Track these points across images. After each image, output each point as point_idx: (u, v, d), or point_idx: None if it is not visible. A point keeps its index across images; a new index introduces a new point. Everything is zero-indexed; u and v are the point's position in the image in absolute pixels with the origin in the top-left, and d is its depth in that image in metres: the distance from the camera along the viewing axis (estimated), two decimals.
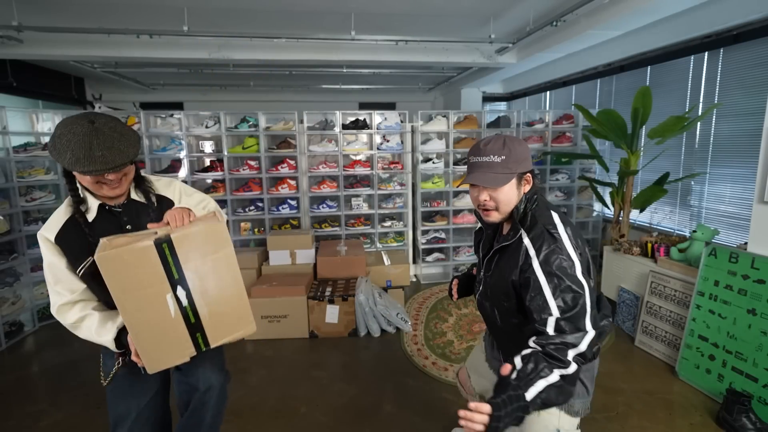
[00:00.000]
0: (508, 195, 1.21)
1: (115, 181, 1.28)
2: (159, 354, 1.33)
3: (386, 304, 3.45)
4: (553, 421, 1.24)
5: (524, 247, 1.18)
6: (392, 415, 2.40)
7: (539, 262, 1.13)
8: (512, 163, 1.19)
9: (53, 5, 3.39)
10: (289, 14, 3.67)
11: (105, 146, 1.19)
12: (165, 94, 7.02)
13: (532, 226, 1.19)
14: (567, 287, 1.10)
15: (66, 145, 1.17)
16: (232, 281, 1.34)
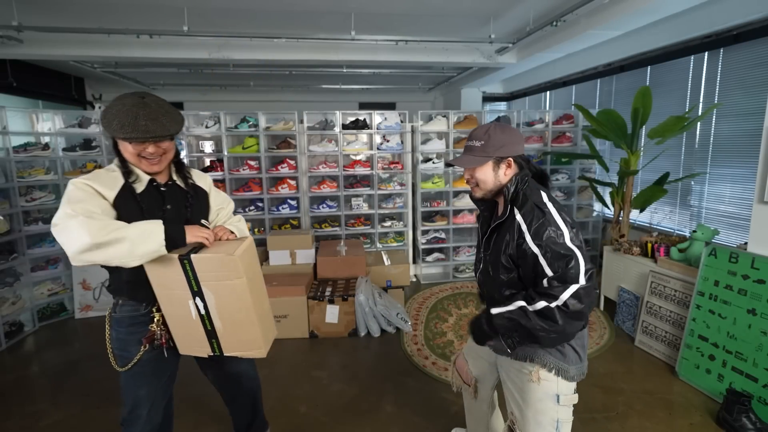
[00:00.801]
0: (485, 175, 1.37)
1: (154, 155, 1.37)
2: (187, 342, 1.52)
3: (386, 304, 3.45)
4: (552, 387, 1.35)
5: (517, 222, 1.30)
6: (392, 415, 2.40)
7: (531, 235, 1.26)
8: (490, 148, 1.34)
9: (53, 5, 3.39)
10: (289, 14, 3.67)
11: (149, 117, 1.28)
12: (165, 94, 7.00)
13: (523, 204, 1.31)
14: (558, 254, 1.22)
15: (115, 114, 1.27)
16: (241, 308, 1.44)
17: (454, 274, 4.75)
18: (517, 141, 1.37)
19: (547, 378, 1.35)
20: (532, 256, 1.25)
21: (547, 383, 1.35)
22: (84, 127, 3.94)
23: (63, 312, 3.88)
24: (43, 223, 3.74)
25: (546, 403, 1.36)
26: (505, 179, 1.37)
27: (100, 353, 3.20)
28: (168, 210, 1.45)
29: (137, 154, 1.35)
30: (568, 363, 1.35)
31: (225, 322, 1.45)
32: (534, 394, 1.37)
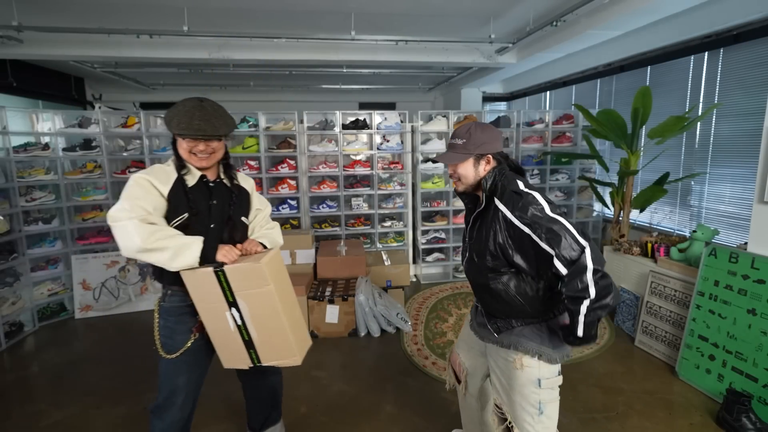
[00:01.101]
0: (466, 170, 1.48)
1: (204, 152, 1.53)
2: (229, 355, 1.61)
3: (386, 304, 3.45)
4: (534, 373, 1.44)
5: (500, 211, 1.39)
6: (392, 415, 2.40)
7: (517, 218, 1.35)
8: (471, 146, 1.45)
9: (53, 5, 3.39)
10: (289, 14, 3.67)
11: (203, 119, 1.46)
12: (165, 94, 7.02)
13: (502, 193, 1.41)
14: (547, 228, 1.30)
15: (175, 114, 1.47)
16: (272, 316, 1.52)
17: (454, 274, 4.75)
18: (495, 139, 1.48)
19: (530, 364, 1.44)
20: (526, 236, 1.33)
21: (530, 369, 1.44)
22: (84, 127, 3.94)
23: (63, 312, 3.88)
24: (43, 223, 3.74)
25: (529, 387, 1.45)
26: (485, 174, 1.48)
27: (100, 353, 3.21)
28: (214, 205, 1.59)
29: (189, 150, 1.52)
30: (550, 347, 1.44)
31: (260, 331, 1.54)
32: (518, 380, 1.46)
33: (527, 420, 1.46)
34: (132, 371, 2.91)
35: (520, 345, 1.46)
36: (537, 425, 1.46)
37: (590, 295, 1.25)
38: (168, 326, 1.60)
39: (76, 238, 3.96)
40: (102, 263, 3.92)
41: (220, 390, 2.61)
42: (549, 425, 1.47)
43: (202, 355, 1.64)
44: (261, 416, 2.00)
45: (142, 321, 3.79)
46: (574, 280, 1.26)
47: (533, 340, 1.45)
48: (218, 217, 1.60)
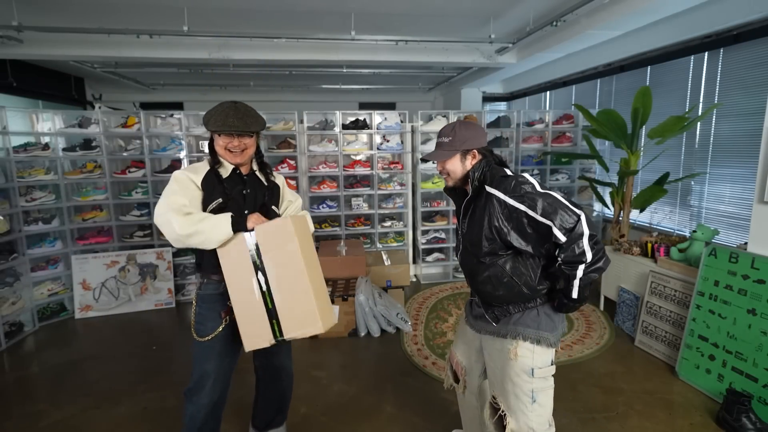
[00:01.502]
0: (453, 166, 1.57)
1: (237, 148, 1.66)
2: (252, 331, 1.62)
3: (386, 304, 3.45)
4: (528, 362, 1.49)
5: (493, 196, 1.45)
6: (392, 415, 2.40)
7: (511, 197, 1.41)
8: (456, 143, 1.54)
9: (53, 5, 3.39)
10: (289, 14, 3.67)
11: (237, 117, 1.62)
12: (165, 94, 7.02)
13: (492, 180, 1.49)
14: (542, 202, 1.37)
15: (213, 113, 1.63)
16: (296, 275, 1.57)
17: (454, 274, 4.75)
18: (479, 135, 1.56)
19: (524, 354, 1.49)
20: (522, 213, 1.40)
21: (523, 359, 1.49)
22: (84, 127, 3.94)
23: (63, 312, 3.88)
24: (43, 223, 3.74)
25: (522, 377, 1.49)
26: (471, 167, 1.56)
27: (100, 353, 3.21)
28: (248, 193, 1.73)
29: (224, 147, 1.66)
30: (547, 331, 1.50)
31: (284, 296, 1.58)
32: (512, 370, 1.51)
33: (520, 408, 1.51)
34: (132, 371, 2.91)
35: (517, 332, 1.50)
36: (530, 413, 1.50)
37: (587, 259, 1.35)
38: (201, 312, 1.72)
39: (76, 238, 3.96)
40: (102, 263, 3.92)
41: None
42: (541, 413, 1.51)
43: (231, 343, 1.73)
44: (267, 417, 2.04)
45: (142, 321, 3.79)
46: (571, 246, 1.35)
47: (530, 326, 1.50)
48: (252, 204, 1.73)
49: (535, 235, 1.42)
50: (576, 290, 1.42)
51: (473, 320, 1.68)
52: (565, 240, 1.35)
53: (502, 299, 1.52)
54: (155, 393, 2.64)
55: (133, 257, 3.99)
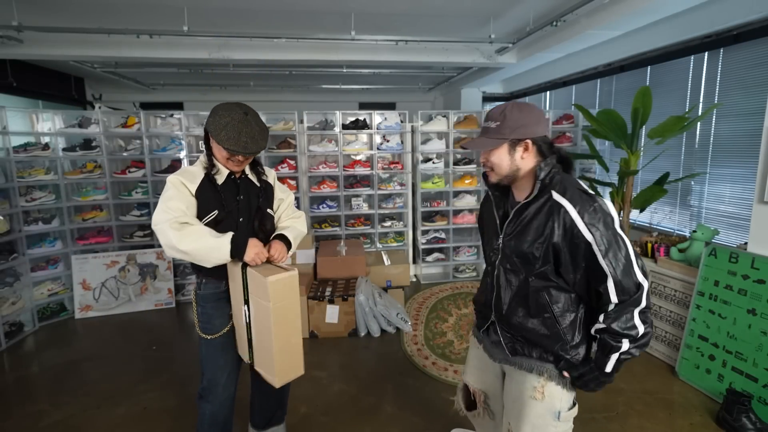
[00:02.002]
0: (499, 158, 1.28)
1: (241, 161, 1.62)
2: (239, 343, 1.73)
3: (386, 304, 3.45)
4: (556, 404, 1.30)
5: (563, 208, 1.19)
6: (392, 415, 2.40)
7: (585, 222, 1.17)
8: (505, 129, 1.24)
9: (53, 5, 3.39)
10: (289, 14, 3.67)
11: (249, 136, 1.53)
12: (165, 94, 7.02)
13: (565, 189, 1.22)
14: (614, 246, 1.16)
15: (224, 126, 1.51)
16: (265, 332, 1.57)
17: (454, 274, 4.75)
18: (536, 122, 1.25)
19: (552, 394, 1.29)
20: (585, 245, 1.17)
21: (550, 399, 1.29)
22: (84, 127, 3.94)
23: (63, 312, 3.88)
24: (43, 223, 3.74)
25: (546, 419, 1.30)
26: (523, 163, 1.27)
27: (100, 353, 3.21)
28: (241, 200, 1.69)
29: (228, 158, 1.60)
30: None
31: (257, 336, 1.62)
32: (534, 410, 1.30)
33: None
34: (132, 371, 2.91)
35: (545, 370, 1.29)
36: None
37: (638, 333, 1.16)
38: (206, 312, 1.71)
39: (76, 238, 3.96)
40: (102, 263, 3.92)
41: None
42: None
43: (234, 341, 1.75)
44: (266, 414, 2.04)
45: (142, 321, 3.79)
46: (622, 315, 1.15)
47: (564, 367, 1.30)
48: (246, 211, 1.70)
49: (583, 273, 1.20)
50: (612, 364, 1.20)
51: (490, 346, 1.46)
52: (616, 302, 1.16)
53: (530, 335, 1.30)
54: (155, 393, 2.64)
55: (133, 257, 3.99)
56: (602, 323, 1.19)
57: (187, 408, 2.48)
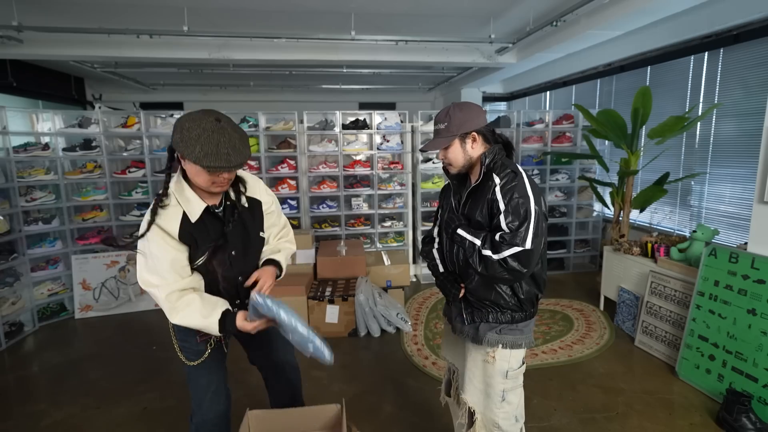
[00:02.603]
0: (455, 153, 1.49)
1: (227, 179, 1.38)
2: None
3: (386, 304, 3.45)
4: (504, 366, 1.51)
5: (494, 182, 1.43)
6: (392, 415, 2.40)
7: (501, 192, 1.39)
8: (453, 127, 1.45)
9: (53, 5, 3.39)
10: (289, 14, 3.67)
11: (229, 145, 1.27)
12: (165, 94, 7.02)
13: (502, 169, 1.45)
14: (516, 214, 1.36)
15: (196, 139, 1.25)
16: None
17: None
18: (476, 116, 1.48)
19: (502, 356, 1.50)
20: (497, 209, 1.39)
21: (500, 362, 1.50)
22: (84, 127, 3.94)
23: (63, 312, 3.88)
24: (43, 223, 3.74)
25: (495, 378, 1.51)
26: (474, 152, 1.48)
27: (100, 353, 3.21)
28: (230, 231, 1.49)
29: (212, 182, 1.35)
30: (524, 333, 1.52)
31: None
32: (486, 371, 1.53)
33: (489, 406, 1.55)
34: (132, 371, 2.91)
35: (496, 340, 1.50)
36: (498, 410, 1.53)
37: (498, 255, 1.35)
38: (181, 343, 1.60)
39: (76, 238, 3.96)
40: (102, 263, 3.92)
41: None
42: (508, 410, 1.54)
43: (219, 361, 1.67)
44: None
45: (142, 321, 3.79)
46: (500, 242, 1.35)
47: (513, 333, 1.50)
48: (238, 240, 1.52)
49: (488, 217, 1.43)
50: (463, 237, 1.45)
51: (453, 323, 1.65)
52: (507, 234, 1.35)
53: (483, 297, 1.49)
54: (155, 393, 2.64)
55: (133, 257, 3.98)
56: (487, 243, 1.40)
57: (187, 408, 2.46)
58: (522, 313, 1.49)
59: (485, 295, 1.48)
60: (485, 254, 1.37)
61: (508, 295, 1.47)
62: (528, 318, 1.52)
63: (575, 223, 4.90)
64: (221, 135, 1.27)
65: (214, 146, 1.25)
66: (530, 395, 2.50)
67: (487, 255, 1.37)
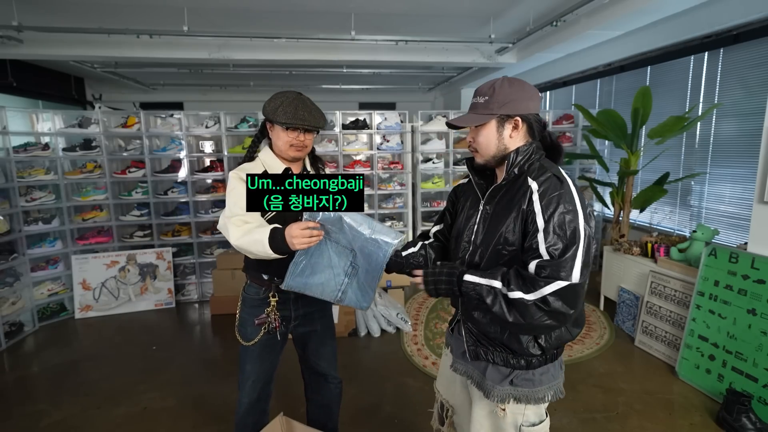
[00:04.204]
0: (486, 137, 1.15)
1: (304, 142, 1.60)
2: None
3: (386, 304, 3.45)
4: (518, 419, 1.20)
5: (530, 189, 1.09)
6: (392, 415, 2.40)
7: (541, 205, 1.06)
8: (494, 104, 1.13)
9: (53, 5, 3.39)
10: (289, 14, 3.67)
11: (305, 110, 1.56)
12: (165, 94, 7.02)
13: (540, 173, 1.11)
14: (561, 235, 1.03)
15: (279, 104, 1.56)
16: None
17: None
18: (528, 97, 1.14)
19: (514, 411, 1.19)
20: (533, 228, 1.06)
21: (512, 416, 1.20)
22: (84, 127, 3.94)
23: (63, 312, 3.88)
24: (43, 223, 3.74)
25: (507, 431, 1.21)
26: (511, 143, 1.15)
27: (100, 353, 3.21)
28: None
29: (290, 143, 1.57)
30: (545, 384, 1.21)
31: None
32: (495, 425, 1.23)
33: None
34: (132, 371, 2.91)
35: (506, 394, 1.19)
36: None
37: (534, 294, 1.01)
38: (242, 316, 1.70)
39: (76, 238, 3.96)
40: (102, 263, 3.92)
41: (220, 390, 2.61)
42: None
43: (269, 348, 1.71)
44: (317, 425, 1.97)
45: (142, 321, 3.79)
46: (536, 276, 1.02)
47: (524, 385, 1.19)
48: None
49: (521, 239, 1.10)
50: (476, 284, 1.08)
51: (455, 358, 1.35)
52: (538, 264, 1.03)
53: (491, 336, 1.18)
54: (155, 393, 2.64)
55: (133, 257, 3.99)
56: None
57: (187, 408, 2.48)
58: (541, 358, 1.16)
59: (493, 333, 1.16)
60: (514, 297, 1.02)
61: (526, 340, 1.13)
62: (550, 361, 1.18)
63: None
64: (300, 101, 1.57)
65: (293, 109, 1.54)
66: None
67: (517, 298, 1.02)
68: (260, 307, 1.65)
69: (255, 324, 1.64)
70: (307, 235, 1.29)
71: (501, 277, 1.06)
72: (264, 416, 1.84)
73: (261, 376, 1.74)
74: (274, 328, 1.64)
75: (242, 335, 1.69)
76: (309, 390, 1.97)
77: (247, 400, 1.74)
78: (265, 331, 1.64)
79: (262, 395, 1.78)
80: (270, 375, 1.79)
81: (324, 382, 1.93)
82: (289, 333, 1.74)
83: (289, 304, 1.67)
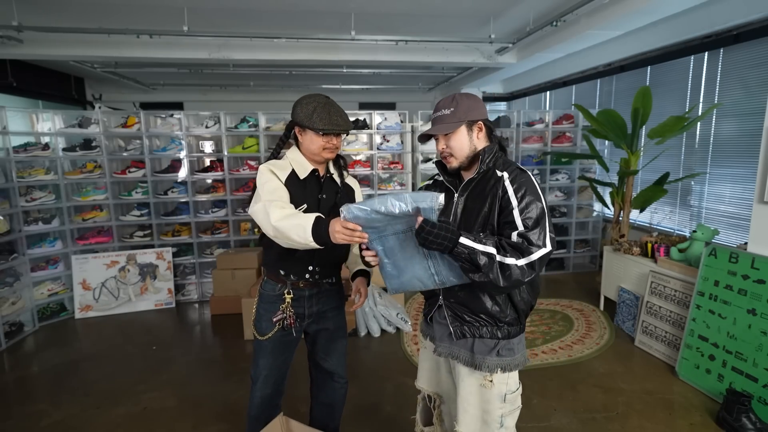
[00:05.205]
0: (460, 141, 1.37)
1: (337, 144, 1.64)
2: None
3: (386, 304, 3.45)
4: (502, 389, 1.37)
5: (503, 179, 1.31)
6: (392, 415, 2.40)
7: (513, 188, 1.28)
8: (460, 113, 1.35)
9: (53, 5, 3.39)
10: (289, 14, 3.67)
11: (338, 115, 1.60)
12: (165, 94, 7.02)
13: (506, 166, 1.35)
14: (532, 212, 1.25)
15: (313, 111, 1.56)
16: None
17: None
18: (482, 106, 1.41)
19: (499, 380, 1.36)
20: (509, 207, 1.27)
21: (498, 386, 1.36)
22: (84, 127, 3.94)
23: (63, 312, 3.88)
24: (43, 223, 3.74)
25: (493, 403, 1.37)
26: (478, 144, 1.39)
27: (100, 353, 3.21)
28: (323, 199, 1.68)
29: (323, 147, 1.60)
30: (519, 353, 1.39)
31: None
32: (483, 397, 1.38)
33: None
34: (132, 371, 2.91)
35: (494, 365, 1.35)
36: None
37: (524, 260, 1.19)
38: (259, 311, 1.73)
39: (76, 238, 3.96)
40: (102, 263, 3.92)
41: (220, 390, 2.61)
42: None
43: (283, 345, 1.74)
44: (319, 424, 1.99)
45: (142, 321, 3.79)
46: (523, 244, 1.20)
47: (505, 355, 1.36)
48: (325, 210, 1.66)
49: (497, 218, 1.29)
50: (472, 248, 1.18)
51: (438, 342, 1.48)
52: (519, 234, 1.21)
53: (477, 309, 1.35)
54: (155, 393, 2.64)
55: (133, 257, 3.99)
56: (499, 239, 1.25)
57: (187, 408, 2.48)
58: (518, 326, 1.37)
59: (478, 306, 1.33)
60: (507, 263, 1.18)
61: (505, 306, 1.33)
62: (522, 332, 1.40)
63: (575, 223, 4.90)
64: (331, 106, 1.60)
65: (327, 115, 1.56)
66: (530, 395, 2.50)
67: (509, 263, 1.18)
68: (276, 303, 1.69)
69: (272, 321, 1.68)
70: (348, 234, 1.28)
71: (494, 244, 1.22)
72: (276, 410, 1.85)
73: (274, 372, 1.77)
74: (289, 324, 1.68)
75: (258, 330, 1.72)
76: (314, 387, 1.99)
77: (260, 394, 1.76)
78: (280, 327, 1.67)
79: (274, 391, 1.81)
80: (283, 372, 1.81)
81: (330, 381, 1.96)
82: (303, 330, 1.77)
83: (304, 301, 1.71)
